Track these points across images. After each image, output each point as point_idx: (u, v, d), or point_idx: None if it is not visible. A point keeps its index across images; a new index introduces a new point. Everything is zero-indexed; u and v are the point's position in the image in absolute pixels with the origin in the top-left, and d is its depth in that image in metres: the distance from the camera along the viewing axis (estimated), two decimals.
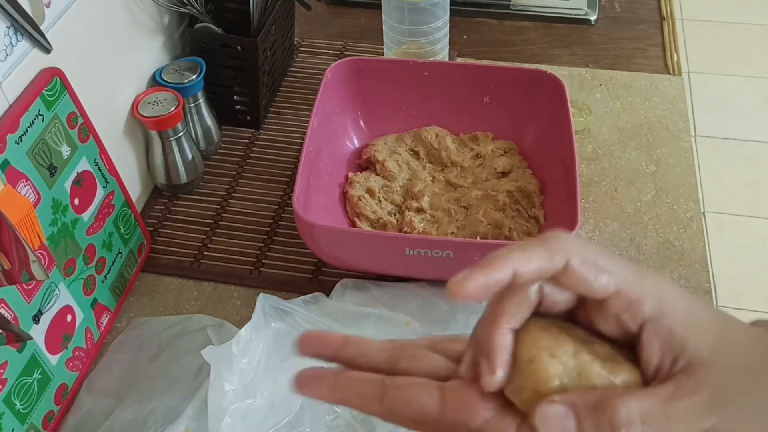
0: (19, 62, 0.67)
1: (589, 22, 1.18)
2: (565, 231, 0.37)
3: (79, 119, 0.74)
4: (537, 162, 0.90)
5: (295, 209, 0.74)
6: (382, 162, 0.90)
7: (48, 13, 0.70)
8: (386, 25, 0.98)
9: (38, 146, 0.68)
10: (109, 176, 0.79)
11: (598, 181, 0.94)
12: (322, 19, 1.20)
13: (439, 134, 0.93)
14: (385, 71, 0.93)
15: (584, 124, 1.00)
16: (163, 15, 0.95)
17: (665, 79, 1.08)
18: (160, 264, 0.87)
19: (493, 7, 1.21)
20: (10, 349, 0.65)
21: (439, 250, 0.73)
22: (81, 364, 0.76)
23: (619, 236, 0.88)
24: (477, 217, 0.83)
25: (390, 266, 0.79)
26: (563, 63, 1.11)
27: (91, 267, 0.77)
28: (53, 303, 0.71)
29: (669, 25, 1.18)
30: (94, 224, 0.77)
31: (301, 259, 0.86)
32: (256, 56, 0.94)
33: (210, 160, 0.98)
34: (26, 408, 0.68)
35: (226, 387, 0.67)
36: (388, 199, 0.88)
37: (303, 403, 0.70)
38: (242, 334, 0.70)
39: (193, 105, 0.93)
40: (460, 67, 0.96)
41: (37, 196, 0.68)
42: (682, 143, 0.99)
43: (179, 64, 0.93)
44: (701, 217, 0.91)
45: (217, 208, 0.93)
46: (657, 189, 0.93)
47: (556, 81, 0.87)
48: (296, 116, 1.03)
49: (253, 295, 0.81)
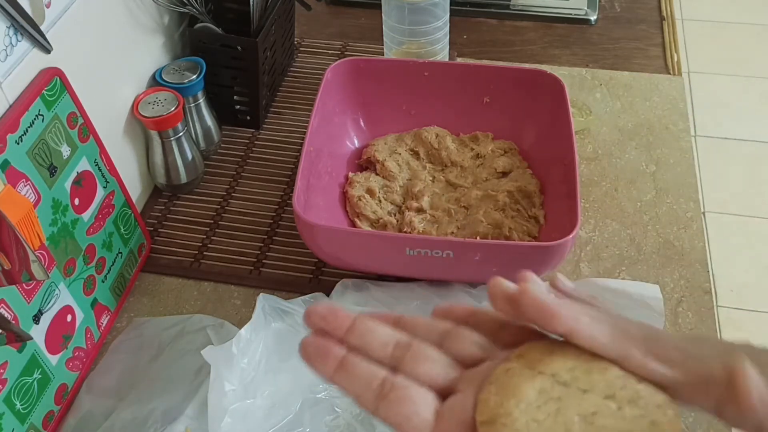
0: (19, 62, 0.67)
1: (589, 22, 1.19)
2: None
3: (79, 119, 0.74)
4: (537, 162, 0.90)
5: (295, 209, 0.74)
6: (382, 162, 0.90)
7: (48, 13, 0.70)
8: (386, 25, 0.98)
9: (38, 146, 0.68)
10: (109, 176, 0.79)
11: (598, 181, 0.94)
12: (322, 19, 1.20)
13: (439, 134, 0.93)
14: (385, 71, 0.93)
15: (584, 124, 1.00)
16: (163, 15, 0.95)
17: (665, 79, 1.08)
18: (160, 264, 0.87)
19: (493, 7, 1.21)
20: (10, 349, 0.65)
21: (439, 250, 0.73)
22: (81, 364, 0.76)
23: (619, 236, 0.88)
24: (477, 217, 0.83)
25: (390, 266, 0.79)
26: (563, 63, 1.11)
27: (91, 267, 0.77)
28: (53, 303, 0.71)
29: (669, 25, 1.18)
30: (94, 224, 0.77)
31: (301, 259, 0.86)
32: (256, 56, 0.94)
33: (210, 160, 0.98)
34: (26, 408, 0.68)
35: (226, 387, 0.67)
36: (388, 199, 0.88)
37: (303, 403, 0.70)
38: (242, 334, 0.70)
39: (193, 105, 0.93)
40: (460, 67, 0.96)
41: (37, 196, 0.68)
42: (682, 143, 0.99)
43: (179, 64, 0.93)
44: (701, 217, 0.91)
45: (217, 208, 0.93)
46: (657, 189, 0.93)
47: (556, 81, 0.87)
48: (296, 116, 1.03)
49: (253, 295, 0.81)
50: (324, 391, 0.71)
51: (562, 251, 0.73)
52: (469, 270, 0.76)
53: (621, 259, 0.86)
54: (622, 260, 0.86)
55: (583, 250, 0.87)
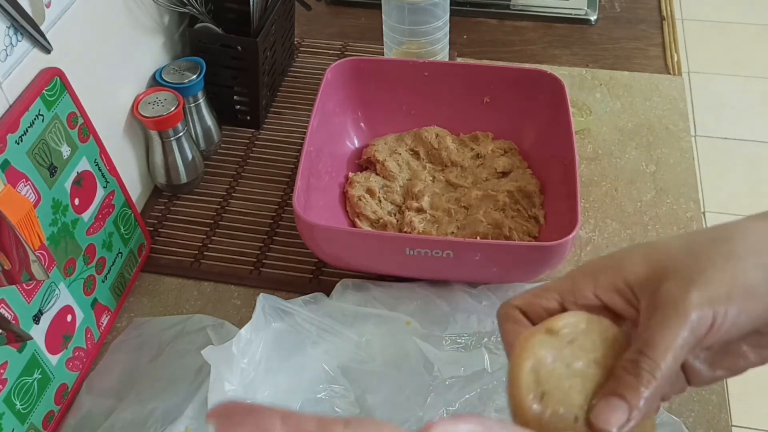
0: (19, 62, 0.67)
1: (589, 22, 1.18)
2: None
3: (79, 119, 0.74)
4: (537, 162, 0.90)
5: (295, 209, 0.74)
6: (382, 162, 0.90)
7: (48, 13, 0.70)
8: (386, 25, 0.98)
9: (38, 146, 0.68)
10: (109, 176, 0.79)
11: (598, 181, 0.94)
12: (322, 19, 1.20)
13: (439, 134, 0.93)
14: (385, 71, 0.93)
15: (584, 124, 1.00)
16: (163, 15, 0.95)
17: (665, 79, 1.08)
18: (160, 264, 0.87)
19: (493, 7, 1.21)
20: (10, 349, 0.65)
21: (439, 250, 0.73)
22: (81, 364, 0.76)
23: (619, 236, 0.88)
24: (477, 217, 0.83)
25: (390, 266, 0.79)
26: (563, 63, 1.11)
27: (91, 267, 0.77)
28: (53, 303, 0.71)
29: (669, 25, 1.18)
30: (94, 224, 0.77)
31: (301, 259, 0.86)
32: (256, 56, 0.94)
33: (210, 160, 0.98)
34: (26, 408, 0.68)
35: (226, 387, 0.67)
36: (388, 199, 0.88)
37: (303, 403, 0.70)
38: (242, 334, 0.70)
39: (193, 105, 0.93)
40: (460, 67, 0.96)
41: (37, 196, 0.68)
42: (682, 143, 0.99)
43: (179, 64, 0.93)
44: (701, 217, 0.91)
45: (217, 208, 0.93)
46: (657, 189, 0.93)
47: (556, 81, 0.87)
48: (296, 116, 1.03)
49: (253, 295, 0.81)
50: (324, 391, 0.71)
51: (562, 251, 0.73)
52: (469, 270, 0.76)
53: None
54: None
55: (583, 250, 0.87)
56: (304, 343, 0.73)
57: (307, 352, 0.73)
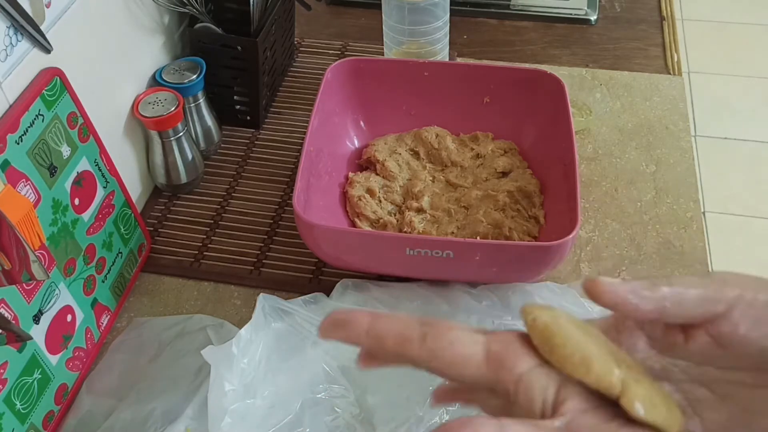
0: (19, 62, 0.67)
1: (589, 22, 1.19)
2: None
3: (79, 119, 0.74)
4: (537, 162, 0.90)
5: (295, 209, 0.74)
6: (383, 162, 0.90)
7: (48, 13, 0.70)
8: (386, 25, 0.98)
9: (38, 146, 0.68)
10: (109, 176, 0.79)
11: (598, 181, 0.94)
12: (322, 19, 1.20)
13: (439, 134, 0.93)
14: (385, 71, 0.93)
15: (584, 124, 1.00)
16: (163, 15, 0.95)
17: (665, 79, 1.08)
18: (160, 264, 0.87)
19: (493, 7, 1.21)
20: (10, 349, 0.65)
21: (439, 250, 0.73)
22: (81, 364, 0.76)
23: (619, 236, 0.88)
24: (477, 217, 0.83)
25: (390, 266, 0.79)
26: (563, 63, 1.11)
27: (91, 267, 0.77)
28: (53, 303, 0.71)
29: (669, 25, 1.18)
30: (94, 224, 0.77)
31: (301, 259, 0.86)
32: (256, 56, 0.94)
33: (210, 160, 0.98)
34: (26, 408, 0.68)
35: (226, 387, 0.67)
36: (388, 199, 0.88)
37: (303, 403, 0.70)
38: (242, 334, 0.70)
39: (193, 105, 0.93)
40: (460, 67, 0.96)
41: (37, 196, 0.68)
42: (682, 143, 0.99)
43: (179, 64, 0.93)
44: (701, 217, 0.91)
45: (217, 208, 0.93)
46: (657, 189, 0.93)
47: (556, 81, 0.87)
48: (296, 116, 1.03)
49: (253, 295, 0.81)
50: (324, 391, 0.71)
51: (562, 251, 0.73)
52: (469, 270, 0.76)
53: (621, 259, 0.86)
54: (622, 260, 0.86)
55: (583, 250, 0.87)
56: (304, 343, 0.73)
57: (307, 352, 0.73)
